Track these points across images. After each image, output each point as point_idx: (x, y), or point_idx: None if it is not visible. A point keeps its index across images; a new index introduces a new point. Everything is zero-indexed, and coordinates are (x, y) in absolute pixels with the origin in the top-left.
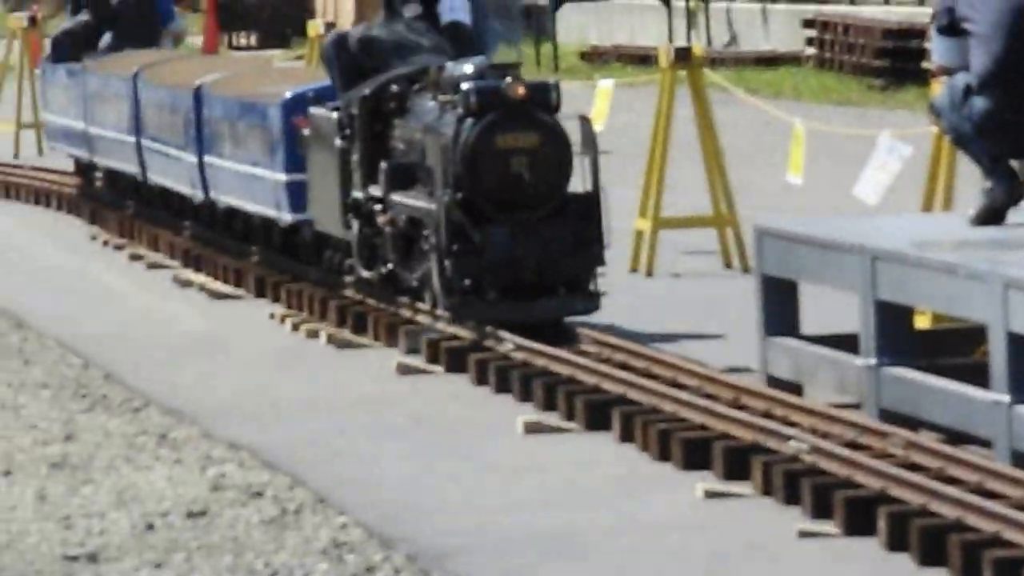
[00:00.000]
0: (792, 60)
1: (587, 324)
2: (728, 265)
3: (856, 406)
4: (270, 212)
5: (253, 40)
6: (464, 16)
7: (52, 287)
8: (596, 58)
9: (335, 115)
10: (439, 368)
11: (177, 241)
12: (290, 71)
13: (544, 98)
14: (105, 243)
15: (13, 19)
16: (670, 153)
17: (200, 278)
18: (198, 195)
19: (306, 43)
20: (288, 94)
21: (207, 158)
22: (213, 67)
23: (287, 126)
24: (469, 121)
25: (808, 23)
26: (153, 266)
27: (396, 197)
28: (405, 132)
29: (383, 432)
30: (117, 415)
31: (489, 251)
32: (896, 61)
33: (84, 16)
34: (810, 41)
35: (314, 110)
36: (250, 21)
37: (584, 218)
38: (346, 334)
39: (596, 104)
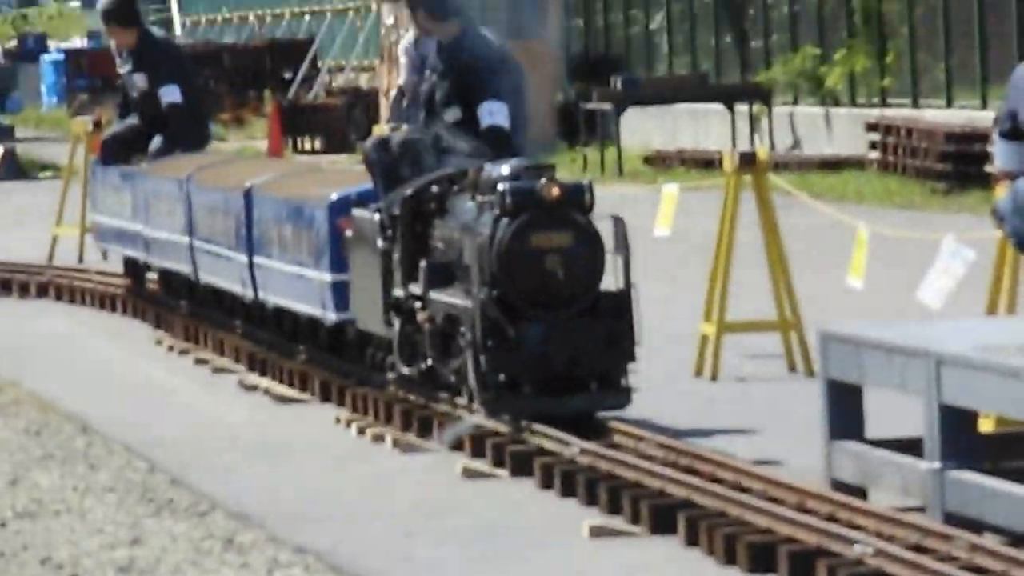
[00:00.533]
0: (855, 164)
1: (652, 427)
2: (792, 369)
3: (921, 509)
4: (316, 312)
5: (318, 144)
6: (503, 121)
7: (118, 392)
8: (660, 162)
9: (377, 216)
10: (504, 472)
11: (243, 345)
12: (337, 174)
13: (578, 199)
14: (171, 348)
15: (77, 123)
16: (734, 255)
17: (265, 382)
18: (248, 294)
19: None
20: (334, 196)
21: (256, 258)
22: (264, 170)
23: (332, 228)
24: (505, 221)
25: (871, 127)
26: (218, 370)
27: (435, 295)
28: (444, 232)
29: (449, 537)
30: (183, 519)
31: (523, 347)
32: (958, 164)
33: (133, 120)
34: (873, 145)
35: (357, 212)
36: (314, 125)
37: (616, 316)
38: (411, 438)
39: (661, 208)
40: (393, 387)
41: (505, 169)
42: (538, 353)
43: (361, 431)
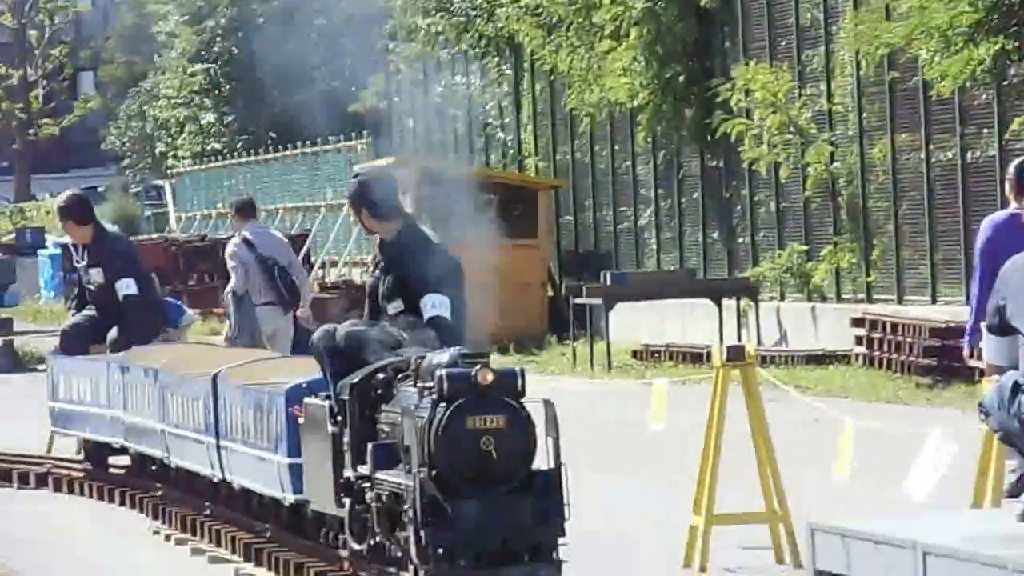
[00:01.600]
0: (841, 358)
1: None
2: (780, 560)
3: None
4: (276, 493)
5: None
6: (445, 312)
7: None
8: (648, 356)
9: (327, 403)
10: None
11: (239, 535)
12: (303, 363)
13: (511, 384)
14: (167, 538)
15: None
16: (722, 448)
17: (262, 573)
18: (215, 475)
19: None
20: (288, 385)
21: (223, 442)
22: (229, 358)
23: (288, 414)
24: (442, 405)
25: (857, 322)
26: (215, 560)
27: (381, 475)
28: (389, 416)
29: None
30: None
31: (460, 523)
32: (943, 359)
33: (90, 311)
34: (859, 340)
35: (308, 400)
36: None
37: (547, 493)
38: None
39: (653, 403)
40: (348, 563)
41: (444, 357)
42: (474, 528)
43: None
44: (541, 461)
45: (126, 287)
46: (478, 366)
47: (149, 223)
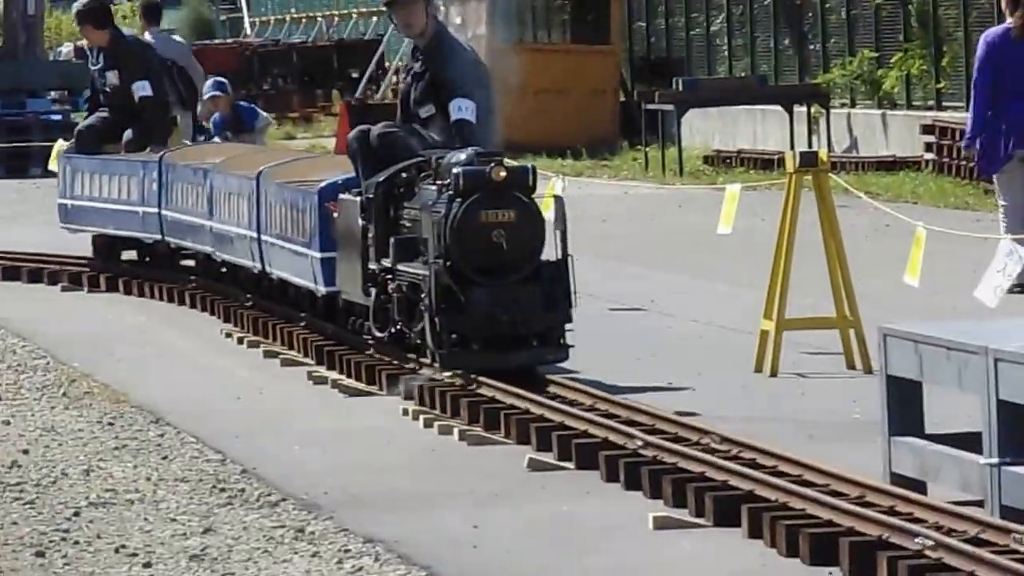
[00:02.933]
0: (911, 165)
1: (717, 421)
2: (851, 366)
3: (979, 503)
4: (310, 284)
5: None
6: (470, 116)
7: (189, 384)
8: (720, 162)
9: (358, 199)
10: (570, 465)
11: (311, 338)
12: (341, 161)
13: (522, 181)
14: (240, 341)
15: None
16: (793, 254)
17: (334, 375)
18: (256, 267)
19: None
20: (324, 183)
21: (264, 236)
22: (275, 157)
23: (322, 211)
24: (458, 200)
25: (926, 129)
26: (288, 363)
27: (402, 267)
28: (411, 212)
29: (517, 528)
30: (255, 509)
31: (473, 310)
32: None
33: (104, 113)
34: (928, 146)
35: (343, 196)
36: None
37: (554, 282)
38: (479, 431)
39: (724, 207)
40: (372, 349)
41: (461, 156)
42: (485, 315)
43: (428, 424)
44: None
45: (142, 89)
46: (491, 164)
47: (224, 28)
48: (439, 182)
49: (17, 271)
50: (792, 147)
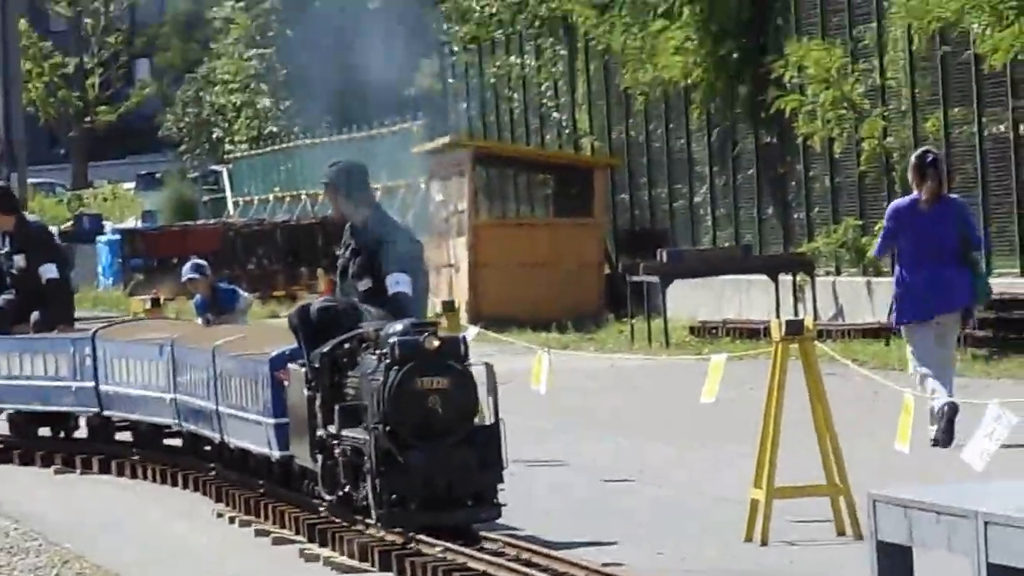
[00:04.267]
0: (897, 332)
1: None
2: (841, 532)
3: None
4: (265, 451)
5: None
6: (406, 289)
7: (182, 566)
8: (706, 333)
9: (303, 370)
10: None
11: (303, 516)
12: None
13: (455, 349)
14: (231, 520)
15: (135, 302)
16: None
17: (326, 552)
18: (216, 437)
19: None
20: (273, 353)
21: (221, 408)
22: (232, 333)
23: (273, 379)
24: (395, 369)
25: None
26: (279, 541)
27: (346, 433)
28: (353, 381)
29: None
30: None
31: (411, 472)
32: (999, 331)
33: (9, 295)
34: None
35: (291, 365)
36: None
37: (488, 445)
38: None
39: (709, 378)
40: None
41: (397, 327)
42: (422, 476)
43: None
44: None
45: (48, 271)
46: (425, 334)
47: (207, 208)
48: (378, 352)
49: (9, 454)
50: (778, 316)
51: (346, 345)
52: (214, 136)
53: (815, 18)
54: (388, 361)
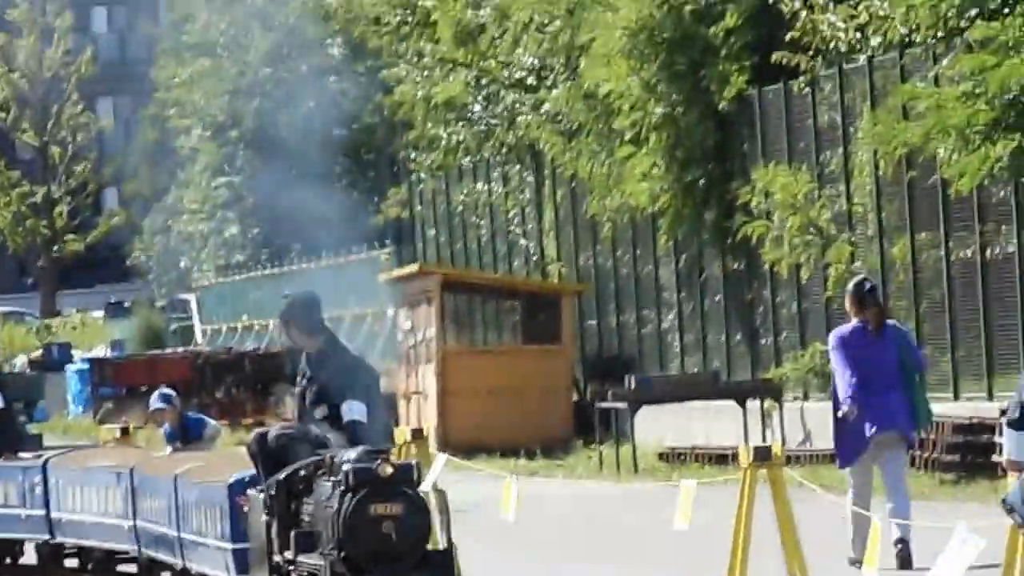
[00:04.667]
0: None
1: None
2: None
3: None
4: (224, 575)
5: None
6: (361, 416)
7: None
8: (675, 459)
9: (262, 496)
10: None
11: None
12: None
13: (408, 476)
14: None
15: (105, 431)
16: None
17: None
18: (178, 563)
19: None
20: (232, 479)
21: (183, 534)
22: (192, 460)
23: (232, 504)
24: (349, 495)
25: None
26: None
27: (302, 559)
28: (309, 507)
29: None
30: None
31: None
32: (966, 455)
33: None
34: None
35: (250, 491)
36: None
37: (441, 569)
38: None
39: (680, 504)
40: None
41: (351, 454)
42: None
43: None
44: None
45: None
46: (378, 461)
47: (175, 337)
48: (333, 479)
49: None
50: (746, 442)
51: (302, 472)
52: (182, 264)
53: (781, 144)
54: (343, 488)
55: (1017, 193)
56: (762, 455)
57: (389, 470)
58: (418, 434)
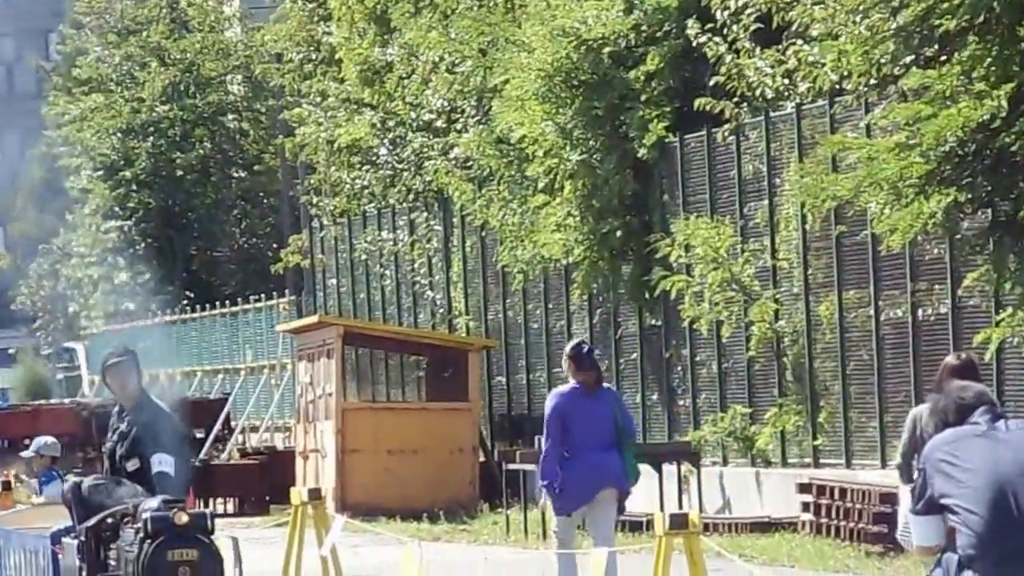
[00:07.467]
0: (787, 525)
1: None
2: None
3: None
4: None
5: (231, 507)
6: (169, 469)
7: None
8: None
9: (75, 542)
10: None
11: None
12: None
13: (203, 524)
14: None
15: None
16: None
17: None
18: None
19: (288, 509)
20: (54, 528)
21: None
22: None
23: (54, 553)
24: (148, 541)
25: (803, 487)
26: None
27: None
28: (116, 552)
29: None
30: None
31: None
32: (894, 526)
33: None
34: (805, 506)
35: (65, 539)
36: (228, 487)
37: None
38: None
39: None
40: None
41: (152, 503)
42: None
43: None
44: None
45: None
46: (174, 510)
47: (61, 387)
48: (135, 525)
49: None
50: (661, 508)
51: (110, 520)
52: (70, 311)
53: (704, 195)
54: (142, 535)
55: (951, 251)
56: (678, 523)
57: (184, 519)
58: (315, 495)
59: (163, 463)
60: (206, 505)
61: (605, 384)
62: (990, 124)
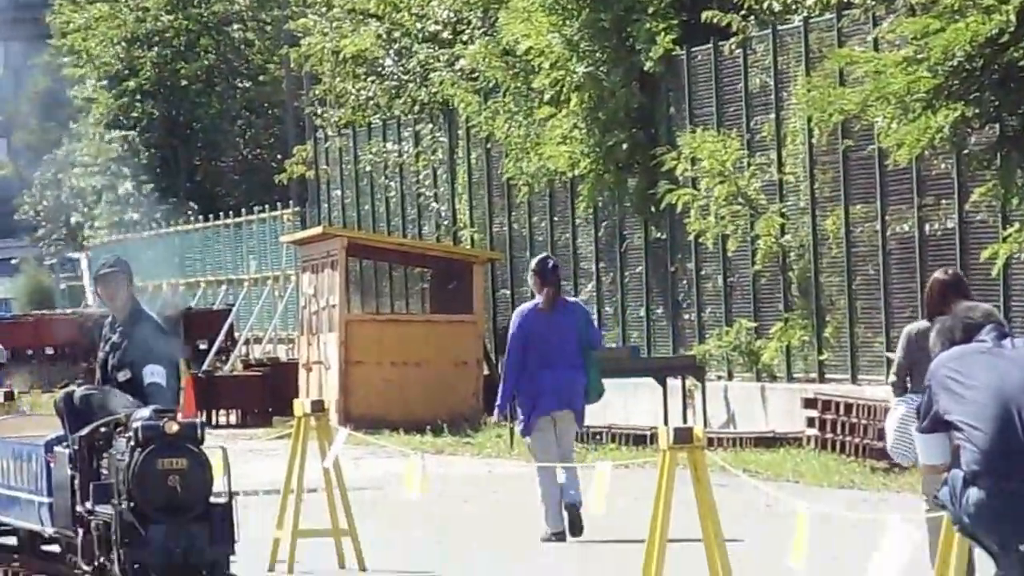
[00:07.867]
0: (792, 441)
1: None
2: None
3: None
4: (37, 527)
5: (233, 418)
6: (160, 379)
7: None
8: (590, 438)
9: (67, 451)
10: None
11: None
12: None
13: (192, 433)
14: None
15: None
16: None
17: None
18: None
19: (291, 421)
20: (48, 436)
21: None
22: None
23: (47, 462)
24: (138, 450)
25: (808, 403)
26: None
27: (99, 508)
28: (107, 461)
29: None
30: None
31: (151, 543)
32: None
33: None
34: (810, 421)
35: (57, 448)
36: (231, 398)
37: (222, 520)
38: None
39: (595, 488)
40: None
41: (144, 413)
42: (162, 547)
43: None
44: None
45: None
46: (165, 419)
47: (64, 296)
48: (126, 435)
49: None
50: (666, 422)
51: (103, 429)
52: (73, 221)
53: (710, 108)
54: (133, 443)
55: (958, 165)
56: (682, 437)
57: (175, 428)
58: (318, 407)
59: (154, 374)
60: (209, 417)
61: (572, 298)
62: (998, 39)
